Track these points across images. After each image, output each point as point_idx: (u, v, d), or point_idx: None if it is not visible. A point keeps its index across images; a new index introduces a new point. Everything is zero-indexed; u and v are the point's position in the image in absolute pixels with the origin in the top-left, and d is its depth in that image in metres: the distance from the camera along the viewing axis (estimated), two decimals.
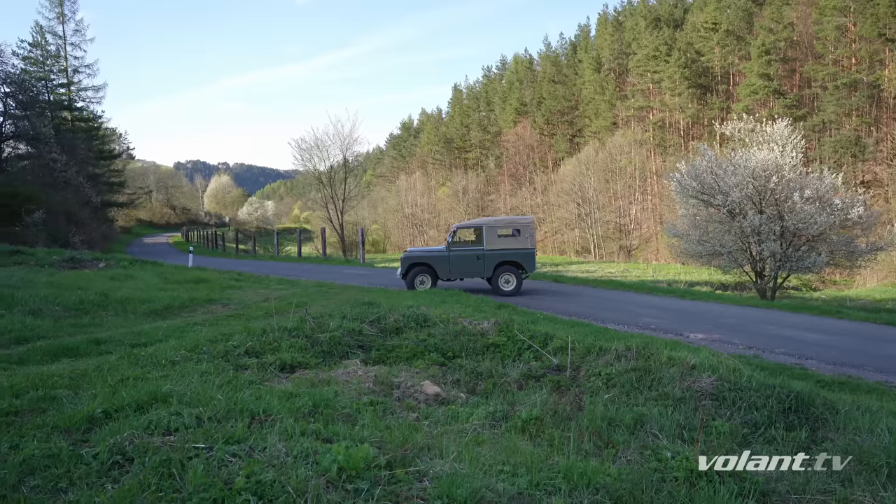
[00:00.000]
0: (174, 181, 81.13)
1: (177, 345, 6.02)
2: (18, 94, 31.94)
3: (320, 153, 35.85)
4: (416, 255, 14.13)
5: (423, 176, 68.83)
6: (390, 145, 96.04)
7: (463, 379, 5.93)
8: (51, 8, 39.44)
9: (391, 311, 7.89)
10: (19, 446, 3.14)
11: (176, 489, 2.74)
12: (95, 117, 43.58)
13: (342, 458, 3.00)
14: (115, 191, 45.40)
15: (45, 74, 39.45)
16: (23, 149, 33.47)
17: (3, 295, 9.18)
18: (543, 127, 65.31)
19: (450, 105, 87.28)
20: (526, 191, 59.93)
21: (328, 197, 35.86)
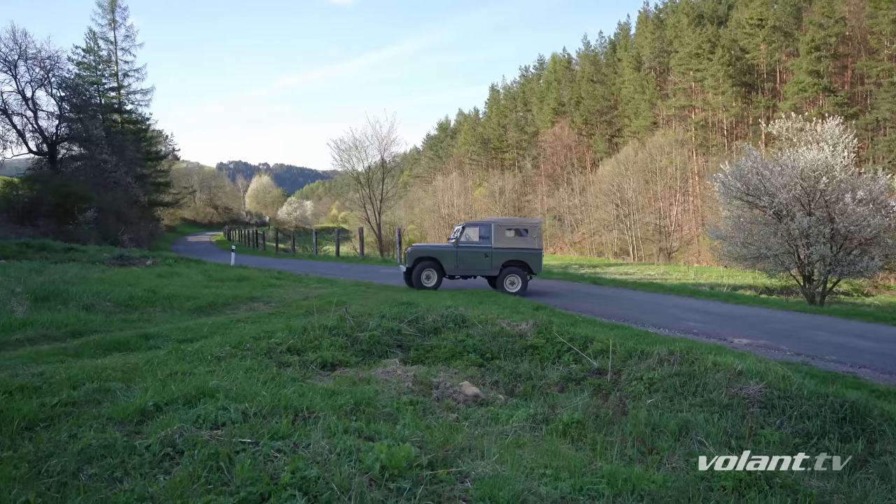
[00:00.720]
0: (217, 181, 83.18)
1: (222, 341, 6.16)
2: (73, 99, 33.25)
3: (358, 154, 36.26)
4: (424, 249, 14.05)
5: (459, 176, 68.86)
6: (427, 146, 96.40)
7: (501, 380, 5.90)
8: (103, 15, 40.93)
9: (429, 312, 7.91)
10: (77, 436, 3.27)
11: (224, 482, 2.81)
12: (143, 119, 45.03)
13: (385, 457, 3.02)
14: (162, 190, 46.83)
15: (97, 79, 40.95)
16: (76, 150, 34.78)
17: (59, 290, 9.57)
18: (581, 127, 64.58)
19: (487, 105, 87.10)
20: (563, 191, 59.34)
21: (366, 197, 36.21)
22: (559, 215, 58.55)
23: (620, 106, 62.21)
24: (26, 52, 31.39)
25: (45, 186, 27.33)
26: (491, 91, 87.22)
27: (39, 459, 2.97)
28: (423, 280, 13.48)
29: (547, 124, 68.06)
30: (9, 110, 32.22)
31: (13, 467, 2.82)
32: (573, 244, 55.49)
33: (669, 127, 54.25)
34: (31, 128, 32.99)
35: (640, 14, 69.34)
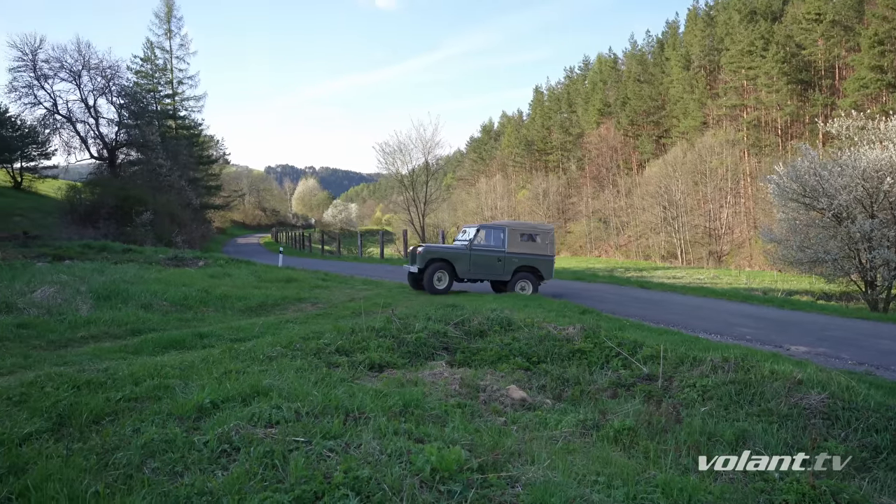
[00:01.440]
0: (265, 184, 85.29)
1: (273, 341, 6.31)
2: (131, 106, 34.68)
3: (403, 156, 36.61)
4: (438, 251, 13.35)
5: (503, 179, 68.67)
6: (470, 148, 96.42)
7: (549, 384, 5.84)
8: (159, 25, 42.60)
9: (475, 314, 7.90)
10: (140, 430, 3.40)
11: (279, 479, 2.87)
12: (196, 125, 46.59)
13: (435, 459, 3.04)
14: (213, 194, 48.33)
15: (153, 86, 42.63)
16: (134, 155, 36.27)
17: (120, 290, 9.98)
18: (628, 128, 63.42)
19: (530, 107, 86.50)
20: (609, 193, 58.40)
21: (410, 199, 36.52)
22: (604, 217, 57.65)
23: (668, 106, 60.81)
24: (89, 63, 32.94)
25: (105, 190, 28.59)
26: (535, 92, 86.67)
27: (106, 452, 3.10)
28: (435, 282, 13.00)
29: (592, 125, 67.14)
30: (73, 118, 33.87)
31: (83, 458, 2.95)
32: (619, 247, 54.52)
33: (720, 127, 52.71)
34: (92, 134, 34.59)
35: (689, 12, 67.66)
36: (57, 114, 33.77)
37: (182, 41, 43.45)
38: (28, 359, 5.62)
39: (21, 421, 3.46)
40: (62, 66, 32.54)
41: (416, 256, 12.98)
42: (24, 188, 42.67)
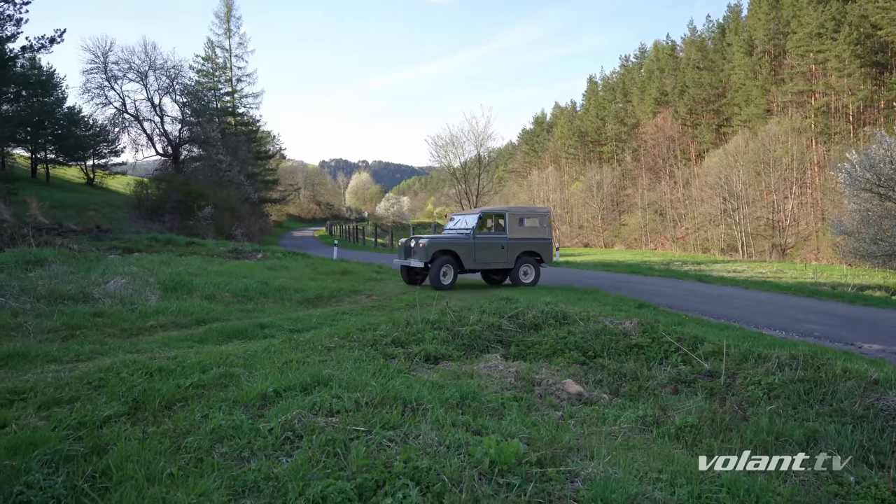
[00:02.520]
0: (319, 179, 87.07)
1: (330, 332, 6.45)
2: (193, 104, 36.04)
3: (455, 149, 36.72)
4: (443, 242, 12.33)
5: (555, 171, 67.77)
6: (522, 140, 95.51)
7: (605, 379, 5.75)
8: (220, 25, 44.02)
9: (529, 307, 7.85)
10: (208, 416, 3.54)
11: (341, 467, 2.93)
12: (254, 121, 48.00)
13: (493, 452, 3.04)
14: (270, 188, 49.71)
15: (213, 84, 44.13)
16: (196, 152, 37.72)
17: (185, 281, 10.42)
18: (686, 117, 61.36)
19: (584, 97, 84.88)
20: (665, 184, 56.75)
21: (462, 192, 36.59)
22: (660, 209, 56.08)
23: (729, 93, 58.46)
24: (155, 63, 34.42)
25: (169, 185, 29.86)
26: (589, 83, 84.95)
27: (178, 436, 3.25)
28: (442, 277, 12.12)
29: (648, 115, 65.33)
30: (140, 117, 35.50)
31: (158, 441, 3.10)
32: (675, 240, 52.98)
33: (785, 114, 50.30)
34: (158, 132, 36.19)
35: None
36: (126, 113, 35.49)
37: (241, 40, 44.93)
38: (104, 346, 5.94)
39: (100, 404, 3.66)
40: (130, 68, 34.15)
41: (420, 250, 12.05)
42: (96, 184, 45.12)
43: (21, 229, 16.61)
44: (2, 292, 8.02)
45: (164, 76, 35.12)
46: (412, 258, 12.39)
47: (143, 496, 2.47)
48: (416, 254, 12.05)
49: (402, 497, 2.65)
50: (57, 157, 42.82)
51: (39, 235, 16.43)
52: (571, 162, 75.25)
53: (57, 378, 4.24)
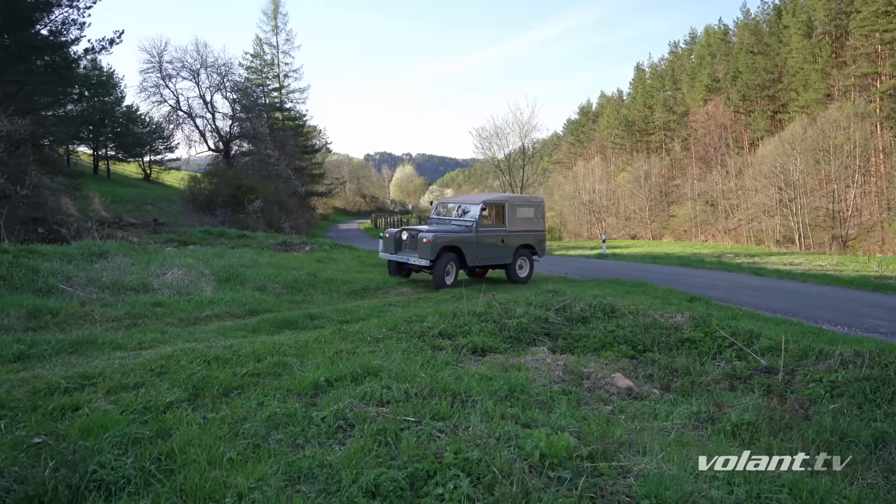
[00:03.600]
0: (364, 172, 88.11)
1: (378, 323, 6.54)
2: (243, 100, 36.97)
3: (499, 141, 36.58)
4: (448, 237, 11.13)
5: (601, 161, 66.57)
6: (567, 131, 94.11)
7: (656, 374, 5.65)
8: (267, 22, 44.90)
9: (577, 300, 7.77)
10: (264, 404, 3.65)
11: (392, 457, 2.98)
12: (301, 116, 48.83)
13: (544, 445, 3.03)
14: (316, 181, 50.56)
15: (262, 80, 45.09)
16: (245, 147, 38.73)
17: (238, 273, 10.73)
18: (738, 104, 59.17)
19: (631, 86, 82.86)
20: (717, 174, 54.96)
21: (506, 184, 36.41)
22: (711, 200, 54.39)
23: (786, 78, 56.05)
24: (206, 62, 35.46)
25: (221, 180, 30.73)
26: (636, 70, 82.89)
27: (236, 422, 3.36)
28: (446, 276, 11.09)
29: (699, 103, 63.30)
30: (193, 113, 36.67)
31: (217, 427, 3.22)
32: (727, 231, 51.33)
33: (847, 99, 47.90)
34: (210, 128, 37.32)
35: None
36: (179, 110, 36.72)
37: (287, 36, 45.65)
38: (164, 334, 6.19)
39: (163, 391, 3.82)
40: (184, 66, 35.29)
41: (424, 246, 10.75)
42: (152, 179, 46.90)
43: (86, 223, 17.44)
44: (71, 283, 8.45)
45: (216, 74, 36.17)
46: (408, 253, 11.27)
47: (205, 479, 2.57)
48: (419, 249, 10.87)
49: (454, 488, 2.67)
50: (117, 153, 44.76)
51: (102, 229, 17.21)
52: (618, 152, 73.76)
53: (123, 364, 4.44)
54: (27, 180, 15.85)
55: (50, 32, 20.27)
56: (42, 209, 17.24)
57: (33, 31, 19.70)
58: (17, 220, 15.31)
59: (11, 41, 18.87)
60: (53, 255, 10.12)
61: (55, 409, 3.42)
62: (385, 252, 11.97)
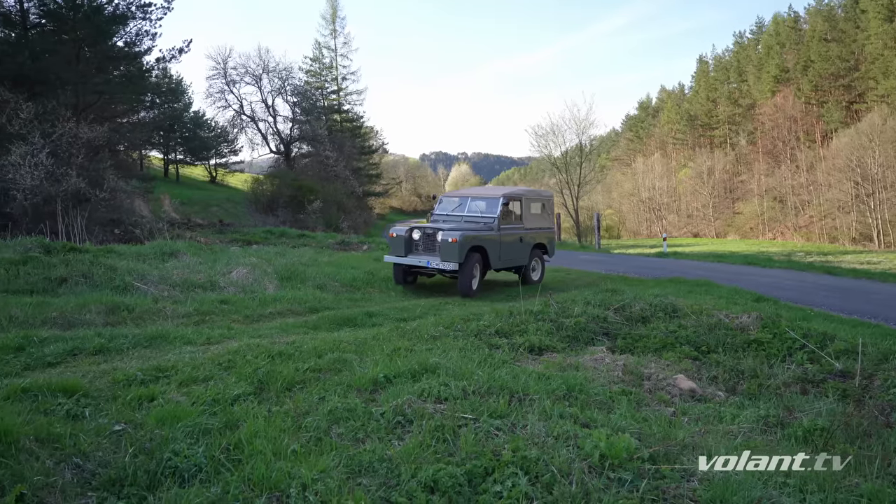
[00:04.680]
0: (420, 172, 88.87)
1: (435, 321, 6.59)
2: (303, 103, 38.02)
3: (556, 138, 36.16)
4: (474, 235, 10.01)
5: (661, 157, 64.67)
6: (626, 126, 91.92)
7: (721, 376, 5.46)
8: (326, 26, 46.00)
9: (636, 300, 7.59)
10: (325, 399, 3.75)
11: (450, 453, 3.00)
12: (358, 118, 49.78)
13: (604, 446, 2.98)
14: (373, 182, 51.40)
15: (321, 84, 46.24)
16: (305, 149, 39.82)
17: (299, 271, 11.05)
18: (810, 94, 56.24)
19: (693, 79, 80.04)
20: (786, 169, 52.44)
21: (563, 182, 35.95)
22: (780, 196, 51.94)
23: (864, 66, 52.85)
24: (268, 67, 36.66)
25: (282, 181, 31.70)
26: (699, 63, 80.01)
27: (299, 416, 3.47)
28: (472, 282, 10.04)
29: (766, 94, 60.55)
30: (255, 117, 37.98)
31: (281, 420, 3.33)
32: (797, 229, 48.91)
33: None
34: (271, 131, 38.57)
35: None
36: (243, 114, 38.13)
37: (345, 39, 46.59)
38: (231, 330, 6.44)
39: (230, 384, 3.98)
40: (247, 72, 36.62)
41: (449, 247, 9.60)
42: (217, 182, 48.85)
43: (157, 224, 18.36)
44: (144, 281, 8.91)
45: (277, 78, 37.37)
46: (424, 256, 10.16)
47: (271, 469, 2.67)
48: (442, 251, 9.73)
49: (512, 485, 2.67)
50: (185, 157, 46.93)
51: (172, 229, 18.09)
52: (679, 148, 71.48)
53: (193, 359, 4.66)
54: (105, 184, 16.83)
55: (125, 44, 21.45)
56: (118, 211, 18.27)
57: (110, 43, 20.89)
58: (96, 221, 16.29)
59: (91, 53, 20.07)
60: (129, 255, 10.71)
61: (133, 399, 3.63)
62: (394, 255, 10.52)
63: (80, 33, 18.72)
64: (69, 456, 2.68)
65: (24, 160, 14.69)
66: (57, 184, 15.09)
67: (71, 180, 15.27)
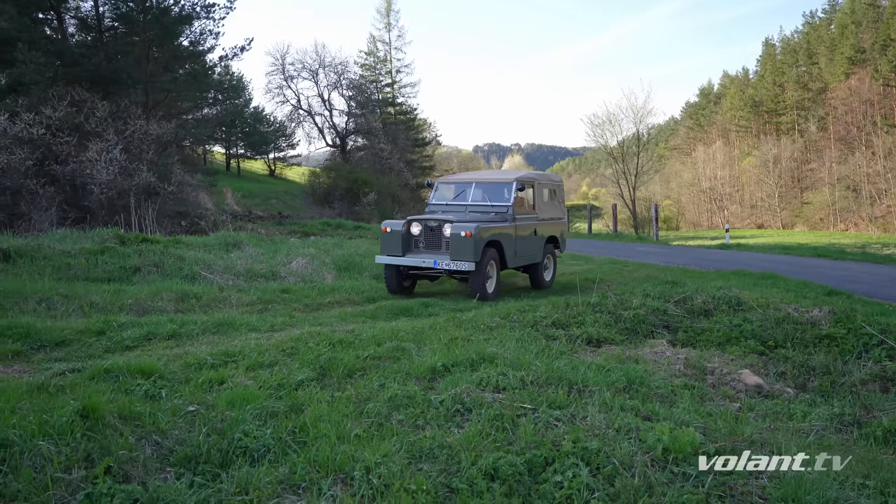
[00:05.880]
0: (473, 163, 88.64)
1: (491, 311, 6.60)
2: (358, 97, 38.56)
3: (612, 127, 35.35)
4: (490, 229, 8.49)
5: (723, 146, 62.19)
6: (686, 114, 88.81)
7: (789, 372, 5.24)
8: (380, 19, 46.35)
9: (698, 292, 7.36)
10: (385, 386, 3.82)
11: (509, 442, 3.02)
12: (412, 110, 50.00)
13: (668, 439, 2.93)
14: (427, 174, 51.61)
15: (375, 77, 46.70)
16: (360, 141, 40.42)
17: (355, 262, 11.27)
18: (889, 76, 52.78)
19: (759, 63, 76.41)
20: (861, 156, 49.45)
21: (619, 172, 35.15)
22: (854, 185, 49.09)
23: None
24: (324, 61, 37.34)
25: (338, 174, 32.30)
26: (765, 46, 76.31)
27: (360, 402, 3.55)
28: (488, 284, 8.54)
29: (839, 77, 57.22)
30: (312, 111, 38.80)
31: (343, 405, 3.42)
32: (873, 219, 46.15)
33: None
34: (327, 125, 39.32)
35: None
36: (300, 109, 39.01)
37: (399, 32, 46.83)
38: (292, 318, 6.65)
39: (294, 370, 4.11)
40: (304, 67, 37.44)
41: (463, 242, 8.05)
42: (276, 175, 50.28)
43: (221, 216, 19.08)
44: (210, 270, 9.30)
45: (332, 73, 38.00)
46: (429, 254, 8.54)
47: (335, 452, 2.75)
48: (452, 248, 8.18)
49: (573, 476, 2.66)
50: (245, 151, 48.48)
51: (235, 221, 18.76)
52: (743, 135, 68.59)
53: (258, 345, 4.83)
54: (173, 178, 17.61)
55: (190, 43, 22.29)
56: (185, 204, 19.08)
57: (176, 42, 21.75)
58: (164, 214, 17.06)
59: (159, 53, 20.96)
60: (196, 246, 11.18)
61: (204, 381, 3.80)
62: (387, 254, 8.76)
63: (150, 34, 19.56)
64: (149, 433, 2.84)
65: (101, 156, 15.52)
66: (129, 178, 15.89)
67: (142, 175, 16.04)
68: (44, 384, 3.54)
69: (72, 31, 20.68)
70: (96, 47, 19.38)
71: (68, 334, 5.25)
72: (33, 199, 14.35)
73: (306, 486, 2.53)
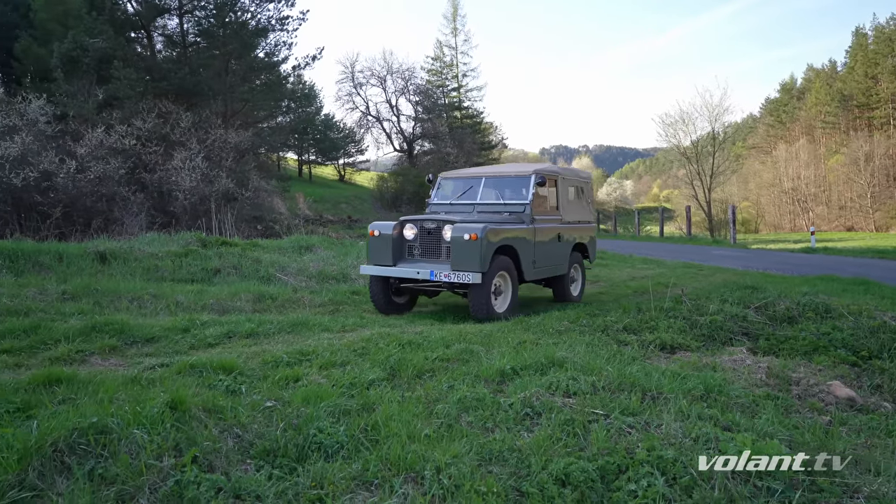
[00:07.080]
0: None
1: (559, 315, 6.50)
2: (424, 102, 39.06)
3: (685, 127, 34.17)
4: (498, 229, 6.87)
5: (807, 143, 58.66)
6: (766, 111, 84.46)
7: (886, 385, 4.87)
8: (447, 25, 46.77)
9: (781, 298, 6.98)
10: (454, 387, 3.83)
11: (581, 447, 2.96)
12: (478, 114, 50.11)
13: (750, 452, 2.79)
14: None
15: (441, 82, 47.12)
16: (426, 146, 40.92)
17: None
18: None
19: (848, 55, 71.68)
20: None
21: (693, 173, 33.91)
22: None
23: None
24: (392, 68, 38.09)
25: (405, 178, 32.86)
26: (855, 35, 71.48)
27: (430, 402, 3.58)
28: (495, 300, 6.97)
29: None
30: (380, 117, 39.64)
31: (413, 405, 3.46)
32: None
33: None
34: (395, 130, 40.06)
35: None
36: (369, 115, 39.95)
37: (465, 37, 47.03)
38: (362, 319, 6.80)
39: (365, 369, 4.20)
40: (372, 74, 38.33)
41: (466, 246, 6.52)
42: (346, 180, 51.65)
43: (294, 220, 19.79)
44: (285, 272, 9.65)
45: (400, 79, 38.74)
46: (425, 263, 7.07)
47: (406, 451, 2.79)
48: (454, 255, 6.68)
49: (647, 485, 2.58)
50: (316, 157, 50.09)
51: (307, 225, 19.42)
52: (830, 132, 64.44)
53: (331, 344, 4.97)
54: (250, 184, 18.44)
55: (265, 54, 23.30)
56: (260, 209, 19.92)
57: (253, 54, 22.78)
58: (242, 218, 17.87)
59: (237, 65, 22.02)
60: (271, 248, 11.63)
61: (280, 379, 3.94)
62: (374, 263, 7.30)
63: (229, 48, 20.60)
64: (231, 426, 2.98)
65: (184, 164, 16.47)
66: (210, 184, 16.76)
67: (222, 181, 16.88)
68: (137, 377, 3.79)
69: (159, 47, 22.06)
70: (181, 62, 20.59)
71: (157, 331, 5.58)
72: (125, 205, 15.39)
73: (378, 483, 2.57)
